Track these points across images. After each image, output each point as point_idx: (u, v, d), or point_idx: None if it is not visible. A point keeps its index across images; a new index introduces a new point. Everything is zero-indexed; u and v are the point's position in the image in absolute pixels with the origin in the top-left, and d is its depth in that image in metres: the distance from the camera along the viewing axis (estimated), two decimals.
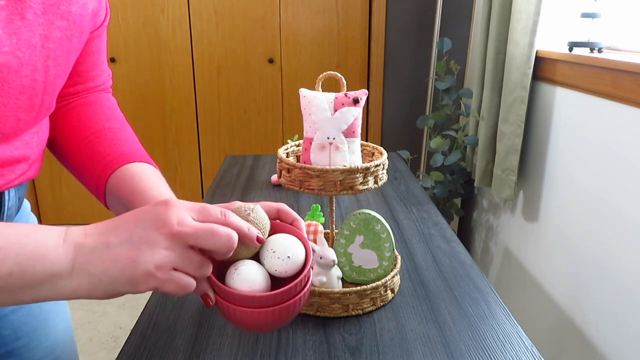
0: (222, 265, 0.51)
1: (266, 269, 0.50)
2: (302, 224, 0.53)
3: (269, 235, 0.51)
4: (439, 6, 2.31)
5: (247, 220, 0.48)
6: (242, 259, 0.50)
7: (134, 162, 0.60)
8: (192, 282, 0.44)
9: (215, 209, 0.45)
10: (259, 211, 0.50)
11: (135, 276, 0.41)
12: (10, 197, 0.58)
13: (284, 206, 0.54)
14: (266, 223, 0.50)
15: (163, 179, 0.61)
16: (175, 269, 0.42)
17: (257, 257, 0.51)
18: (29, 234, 0.41)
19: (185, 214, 0.43)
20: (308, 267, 0.50)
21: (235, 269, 0.49)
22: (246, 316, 0.47)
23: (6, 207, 0.57)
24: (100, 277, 0.41)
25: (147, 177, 0.59)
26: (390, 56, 2.63)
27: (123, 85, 2.69)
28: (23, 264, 0.40)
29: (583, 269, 1.39)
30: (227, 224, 0.45)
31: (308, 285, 0.50)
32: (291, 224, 0.53)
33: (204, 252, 0.45)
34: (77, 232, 0.43)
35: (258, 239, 0.47)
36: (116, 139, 0.63)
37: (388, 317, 0.73)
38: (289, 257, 0.49)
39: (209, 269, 0.45)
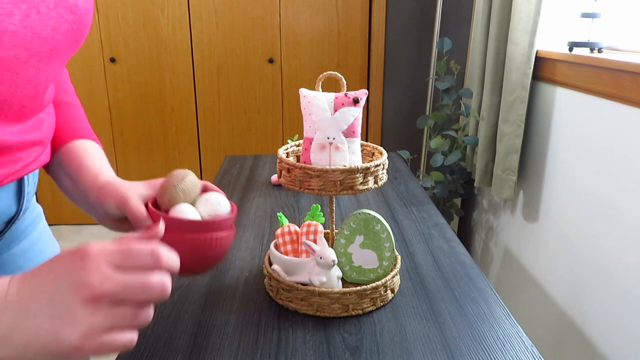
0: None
1: (199, 214, 0.58)
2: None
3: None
4: (439, 6, 2.31)
5: (181, 183, 0.57)
6: None
7: (84, 138, 0.66)
8: (132, 338, 0.40)
9: (144, 251, 0.40)
10: (191, 175, 0.60)
11: (61, 352, 0.37)
12: (30, 182, 0.60)
13: (208, 183, 0.63)
14: (198, 184, 0.60)
15: (105, 158, 0.67)
16: (106, 330, 0.38)
17: None
18: None
19: (106, 267, 0.38)
20: (233, 213, 0.60)
21: (177, 207, 0.57)
22: (184, 243, 0.52)
23: (26, 191, 0.59)
24: (24, 349, 0.37)
25: (93, 154, 0.65)
26: (390, 56, 2.63)
27: (123, 85, 2.69)
28: None
29: (583, 269, 1.39)
30: (158, 267, 0.41)
31: (233, 232, 0.60)
32: None
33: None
34: (6, 290, 0.38)
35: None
36: (71, 114, 0.67)
37: (388, 317, 0.73)
38: (219, 202, 0.60)
39: (147, 317, 0.41)
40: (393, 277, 0.76)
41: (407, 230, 1.03)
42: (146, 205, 0.57)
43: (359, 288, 0.72)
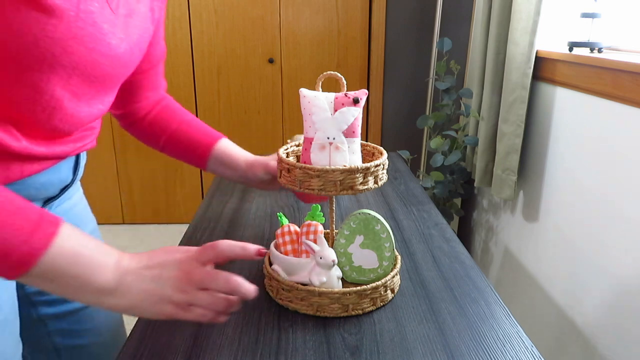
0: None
1: None
2: None
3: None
4: (439, 6, 2.31)
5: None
6: None
7: (220, 138, 0.92)
8: (205, 314, 0.58)
9: (208, 245, 0.59)
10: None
11: (159, 308, 0.56)
12: (83, 158, 0.78)
13: None
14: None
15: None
16: (190, 304, 0.57)
17: None
18: (102, 252, 0.56)
19: (195, 263, 0.58)
20: None
21: None
22: None
23: (81, 165, 0.77)
24: (136, 302, 0.56)
25: (233, 147, 0.94)
26: (390, 56, 2.63)
27: None
28: (87, 274, 0.53)
29: (583, 269, 1.39)
30: (218, 254, 0.59)
31: None
32: None
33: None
34: (126, 262, 0.57)
35: (258, 252, 0.61)
36: (201, 124, 0.93)
37: (388, 317, 0.73)
38: None
39: (219, 306, 0.58)
40: (393, 277, 0.76)
41: (407, 230, 1.03)
42: None
43: (359, 288, 0.72)
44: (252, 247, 0.60)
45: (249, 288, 0.58)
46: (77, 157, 0.76)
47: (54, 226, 0.52)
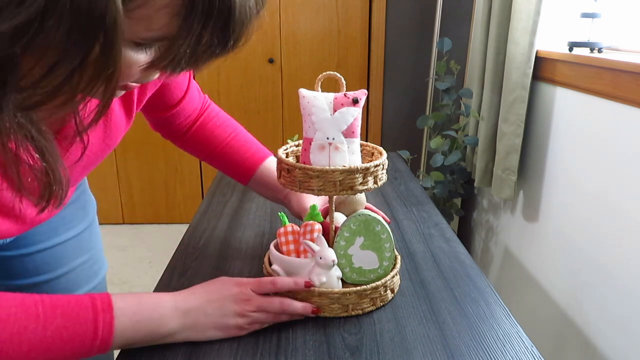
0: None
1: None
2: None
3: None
4: (439, 6, 2.31)
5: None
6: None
7: (265, 157, 0.94)
8: (258, 326, 0.69)
9: (266, 281, 0.69)
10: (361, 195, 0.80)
11: (226, 332, 0.67)
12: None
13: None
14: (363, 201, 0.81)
15: None
16: (249, 324, 0.68)
17: None
18: (155, 307, 0.63)
19: (250, 291, 0.68)
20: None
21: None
22: None
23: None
24: (202, 332, 0.66)
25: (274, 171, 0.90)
26: (390, 56, 2.63)
27: None
28: (153, 330, 0.62)
29: (583, 269, 1.39)
30: (277, 290, 0.70)
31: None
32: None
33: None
34: (182, 303, 0.65)
35: (306, 284, 0.70)
36: (244, 141, 0.95)
37: (388, 317, 0.73)
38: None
39: (272, 320, 0.70)
40: (393, 277, 0.76)
41: (407, 231, 1.03)
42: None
43: (358, 288, 0.72)
44: (301, 281, 0.70)
45: (304, 307, 0.70)
46: None
47: (108, 311, 0.58)
